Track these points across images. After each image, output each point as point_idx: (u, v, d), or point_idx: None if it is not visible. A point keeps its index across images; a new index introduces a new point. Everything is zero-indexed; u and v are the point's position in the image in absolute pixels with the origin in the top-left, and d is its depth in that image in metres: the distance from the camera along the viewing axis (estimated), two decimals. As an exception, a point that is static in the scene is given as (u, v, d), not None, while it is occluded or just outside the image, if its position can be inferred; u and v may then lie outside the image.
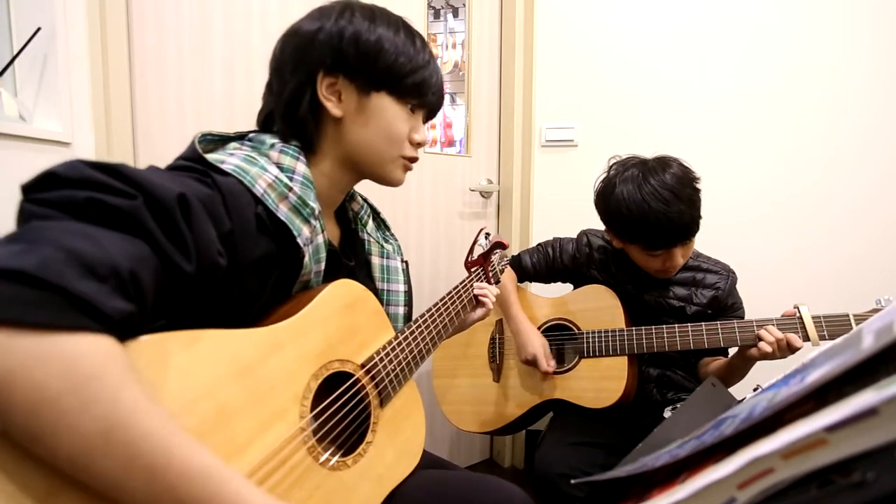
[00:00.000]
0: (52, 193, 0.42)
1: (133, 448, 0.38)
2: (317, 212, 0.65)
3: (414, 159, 0.76)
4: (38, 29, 0.95)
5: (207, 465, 0.42)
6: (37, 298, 0.36)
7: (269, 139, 0.66)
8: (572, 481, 0.64)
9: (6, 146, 0.90)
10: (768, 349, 1.00)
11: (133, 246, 0.43)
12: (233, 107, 1.28)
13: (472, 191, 1.80)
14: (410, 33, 0.71)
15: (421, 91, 0.72)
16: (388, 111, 0.70)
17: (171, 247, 0.46)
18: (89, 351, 0.38)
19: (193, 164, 0.57)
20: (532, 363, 1.22)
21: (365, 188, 0.80)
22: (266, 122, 0.72)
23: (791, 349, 1.00)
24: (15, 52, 0.95)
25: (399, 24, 0.70)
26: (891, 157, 1.51)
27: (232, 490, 0.43)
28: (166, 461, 0.40)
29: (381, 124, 0.70)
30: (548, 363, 1.21)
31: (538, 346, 1.23)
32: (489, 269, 1.00)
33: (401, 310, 0.84)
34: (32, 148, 0.94)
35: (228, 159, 0.59)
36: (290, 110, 0.68)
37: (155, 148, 1.17)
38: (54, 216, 0.41)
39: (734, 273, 1.20)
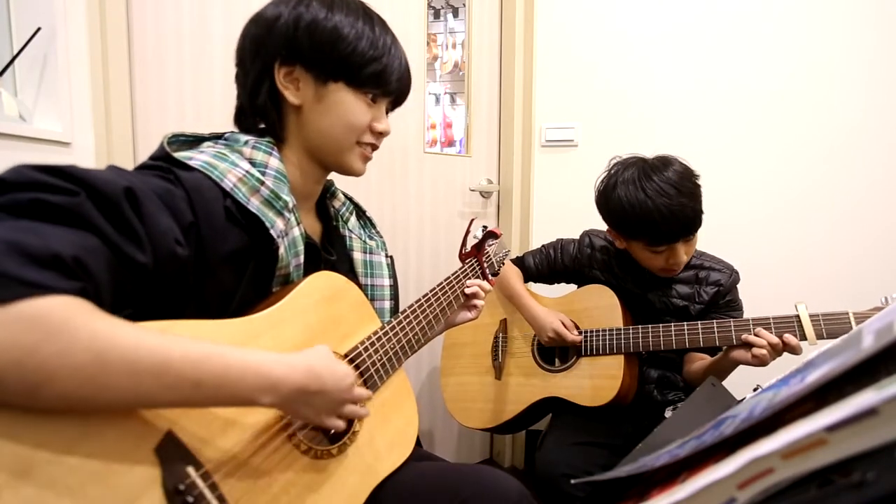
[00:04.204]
0: None
1: (130, 359, 0.41)
2: (291, 205, 0.65)
3: (373, 147, 0.75)
4: (38, 29, 0.95)
5: (207, 348, 0.47)
6: None
7: (244, 137, 0.67)
8: (573, 481, 0.64)
9: (6, 146, 0.90)
10: (763, 353, 0.99)
11: (78, 237, 0.44)
12: (233, 107, 1.27)
13: (472, 191, 1.79)
14: (370, 20, 0.69)
15: (380, 81, 0.71)
16: (345, 102, 0.69)
17: (120, 238, 0.47)
18: (51, 304, 0.39)
19: (159, 162, 0.58)
20: (557, 340, 1.22)
21: (364, 188, 0.80)
22: (239, 115, 0.74)
23: (789, 350, 0.99)
24: (15, 52, 0.95)
25: (359, 12, 0.69)
26: (891, 156, 1.51)
27: (238, 355, 0.48)
28: (166, 356, 0.43)
29: (338, 114, 0.70)
30: (572, 332, 1.20)
31: (556, 321, 1.22)
32: (483, 259, 0.99)
33: (387, 304, 0.84)
34: (32, 148, 0.94)
35: (197, 156, 0.60)
36: (253, 99, 0.70)
37: (155, 148, 1.17)
38: (1, 218, 0.42)
39: (737, 273, 1.19)
